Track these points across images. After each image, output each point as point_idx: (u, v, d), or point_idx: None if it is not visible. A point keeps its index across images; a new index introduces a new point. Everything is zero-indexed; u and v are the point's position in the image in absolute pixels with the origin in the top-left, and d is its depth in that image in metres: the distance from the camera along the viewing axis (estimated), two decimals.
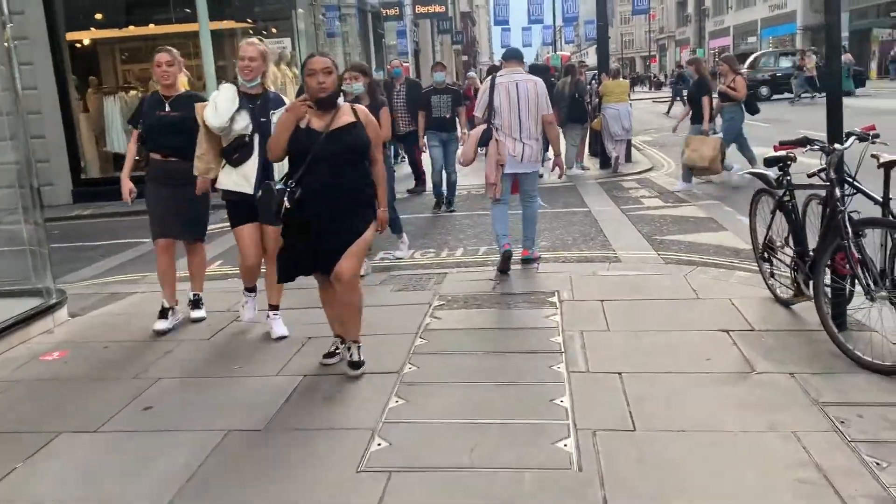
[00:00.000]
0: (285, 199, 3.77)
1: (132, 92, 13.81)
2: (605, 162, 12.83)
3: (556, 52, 50.18)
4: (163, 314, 5.14)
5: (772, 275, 4.95)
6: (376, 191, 4.06)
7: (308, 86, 3.86)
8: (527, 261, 6.24)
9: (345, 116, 3.92)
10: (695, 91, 10.70)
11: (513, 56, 6.57)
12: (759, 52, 34.36)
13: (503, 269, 6.03)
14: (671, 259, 6.33)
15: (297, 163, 3.89)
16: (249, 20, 14.57)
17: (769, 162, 4.66)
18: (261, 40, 4.79)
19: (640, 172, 12.40)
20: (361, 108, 4.06)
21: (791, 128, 18.19)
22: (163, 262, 5.16)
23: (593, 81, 13.99)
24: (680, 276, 5.62)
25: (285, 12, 13.99)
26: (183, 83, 5.25)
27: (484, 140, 6.05)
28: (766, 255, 4.96)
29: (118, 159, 13.71)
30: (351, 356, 4.14)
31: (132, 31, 14.25)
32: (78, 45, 13.82)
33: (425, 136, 9.79)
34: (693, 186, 10.18)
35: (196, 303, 5.36)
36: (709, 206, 8.79)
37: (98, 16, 14.19)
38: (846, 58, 26.16)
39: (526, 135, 6.05)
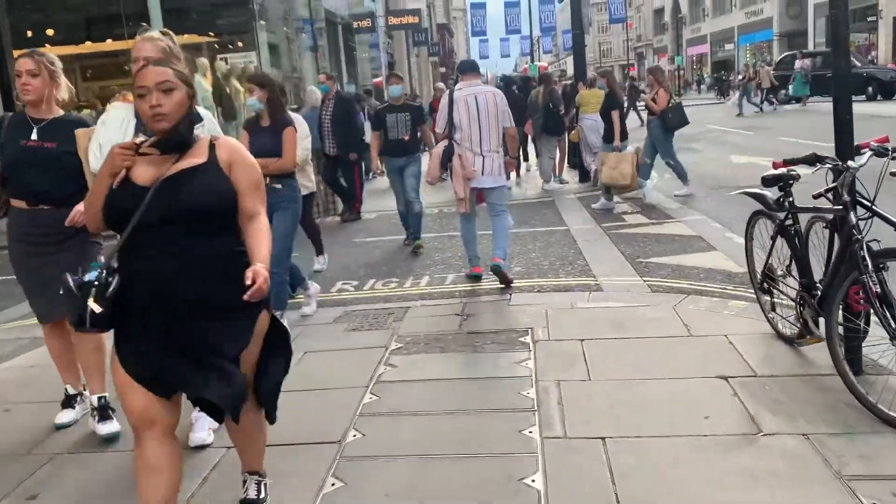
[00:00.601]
0: (90, 299, 2.35)
1: (85, 111, 13.11)
2: (585, 175, 12.26)
3: (533, 62, 49.93)
4: (67, 403, 3.93)
5: (773, 308, 4.35)
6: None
7: (142, 113, 2.47)
8: (495, 268, 5.89)
9: (191, 157, 2.48)
10: (605, 106, 10.34)
11: (469, 68, 6.37)
12: (786, 53, 34.21)
13: (504, 283, 5.98)
14: (658, 286, 5.72)
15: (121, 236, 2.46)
16: (211, 34, 13.94)
17: (768, 181, 4.06)
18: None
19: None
20: (225, 143, 2.56)
21: (773, 135, 17.78)
22: (54, 347, 3.88)
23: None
24: (669, 308, 5.01)
25: (247, 25, 13.35)
26: (63, 101, 3.77)
27: (448, 156, 5.96)
28: (765, 285, 4.36)
29: None
30: (246, 494, 2.87)
31: (85, 47, 13.59)
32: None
33: (383, 163, 8.85)
34: (614, 205, 9.68)
35: (103, 410, 3.71)
36: (695, 222, 8.21)
37: (48, 31, 13.52)
38: (802, 64, 26.00)
39: (486, 148, 5.94)
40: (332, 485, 3.04)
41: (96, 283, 2.37)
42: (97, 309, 2.34)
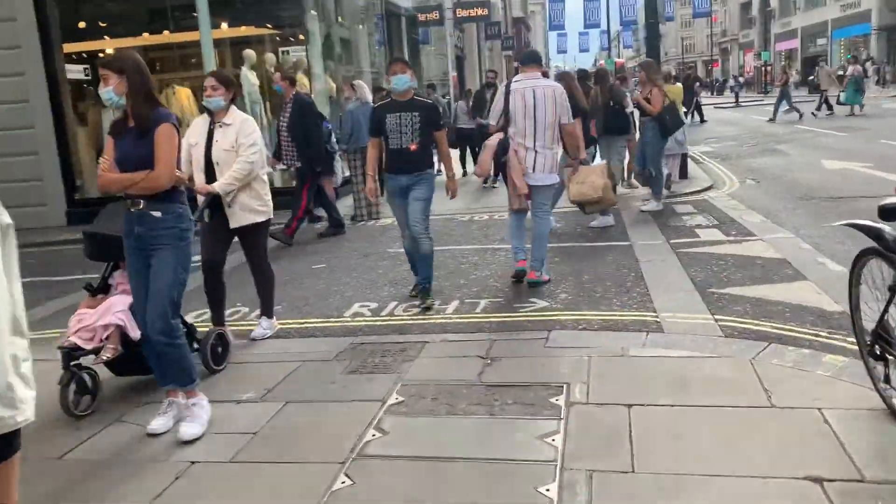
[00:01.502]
0: None
1: None
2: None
3: (611, 57, 48.21)
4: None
5: (887, 379, 3.26)
6: None
7: None
8: (533, 284, 5.84)
9: None
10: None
11: (530, 60, 6.16)
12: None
13: (516, 280, 5.97)
14: (732, 328, 4.63)
15: None
16: (266, 25, 13.33)
17: (888, 213, 2.99)
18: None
19: (696, 192, 10.62)
20: None
21: (871, 137, 16.03)
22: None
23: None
24: (745, 363, 3.96)
25: (298, 17, 12.65)
26: None
27: (503, 150, 5.76)
28: (877, 348, 3.26)
29: None
30: None
31: (134, 40, 13.17)
32: (75, 55, 12.76)
33: (380, 180, 5.90)
34: (611, 220, 8.41)
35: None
36: (780, 241, 7.03)
37: (99, 24, 13.16)
38: (854, 69, 23.45)
39: (540, 144, 5.74)
40: None
41: None
42: None
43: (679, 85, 11.38)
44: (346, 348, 4.64)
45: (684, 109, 24.60)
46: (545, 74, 15.15)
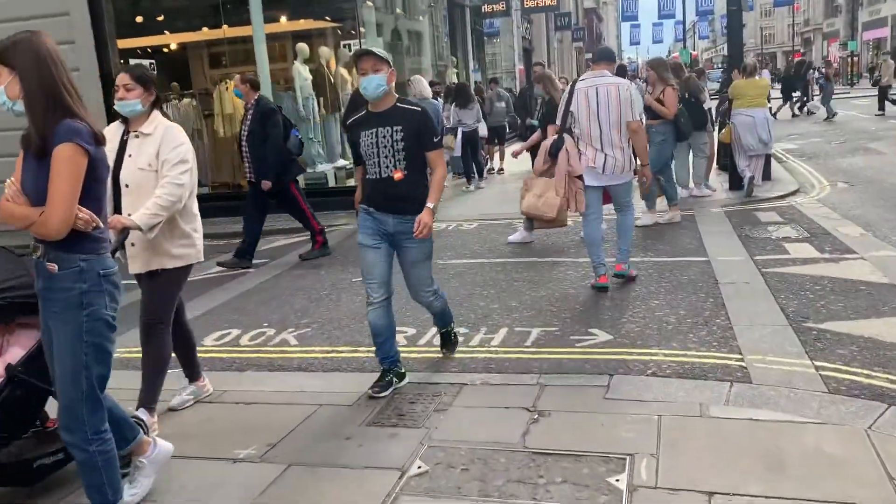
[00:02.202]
0: None
1: (185, 100, 12.41)
2: (737, 182, 10.10)
3: (685, 48, 46.40)
4: None
5: None
6: None
7: None
8: (619, 276, 5.87)
9: None
10: (541, 118, 8.24)
11: (601, 57, 5.99)
12: None
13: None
14: (839, 381, 3.78)
15: None
16: (326, 18, 12.84)
17: None
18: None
19: (782, 197, 9.59)
20: None
21: None
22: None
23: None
24: (859, 434, 3.13)
25: (350, 8, 12.07)
26: None
27: (556, 148, 5.73)
28: None
29: None
30: None
31: (192, 35, 12.88)
32: (129, 51, 12.54)
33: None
34: (531, 236, 7.73)
35: None
36: (886, 260, 6.06)
37: (156, 19, 12.91)
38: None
39: (608, 143, 5.55)
40: None
41: None
42: None
43: (764, 78, 10.32)
44: (372, 394, 3.98)
45: (798, 98, 23.22)
46: (622, 68, 14.33)
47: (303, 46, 11.59)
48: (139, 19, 12.99)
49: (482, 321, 5.15)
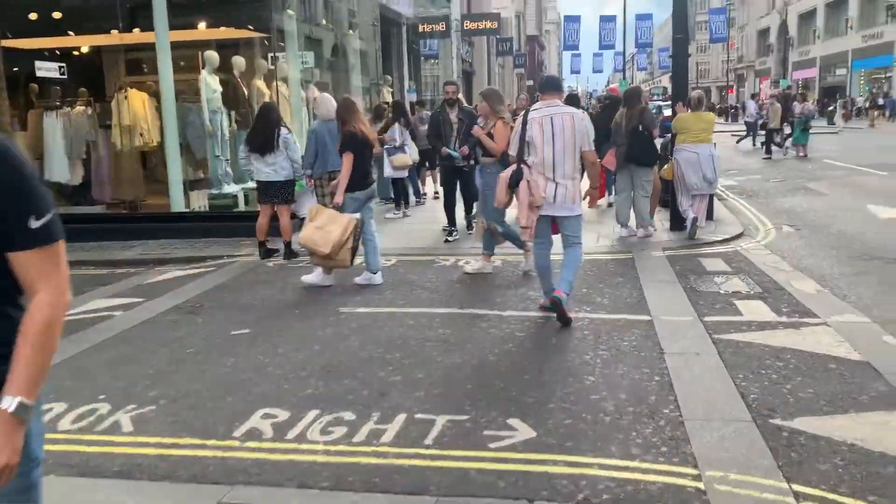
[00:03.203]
0: None
1: (78, 108, 11.06)
2: (679, 222, 9.37)
3: (625, 79, 46.69)
4: None
5: None
6: None
7: None
8: (556, 300, 5.46)
9: None
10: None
11: (549, 87, 5.89)
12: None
13: (563, 322, 5.50)
14: None
15: None
16: (249, 27, 11.69)
17: None
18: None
19: (726, 241, 8.87)
20: None
21: None
22: None
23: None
24: None
25: (265, 18, 10.95)
26: None
27: (515, 180, 5.54)
28: None
29: (61, 191, 11.01)
30: None
31: (82, 39, 11.57)
32: (36, 52, 11.19)
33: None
34: (329, 279, 7.01)
35: None
36: (854, 328, 5.27)
37: (45, 20, 11.54)
38: (804, 107, 21.20)
39: (560, 174, 5.52)
40: None
41: None
42: None
43: (710, 113, 9.64)
44: None
45: (777, 130, 22.85)
46: (575, 98, 13.65)
47: (211, 55, 10.43)
48: (37, 18, 11.63)
49: (377, 402, 4.09)
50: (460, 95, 9.49)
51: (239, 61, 10.91)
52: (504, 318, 5.72)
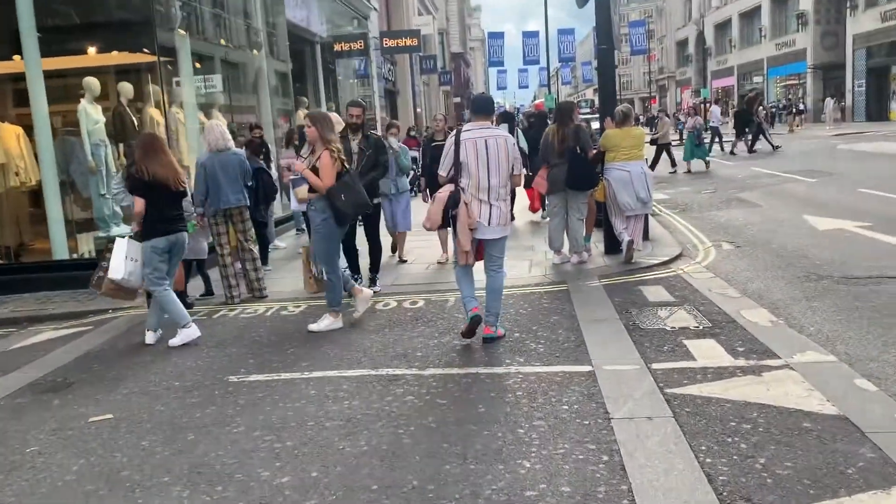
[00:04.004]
0: None
1: None
2: (614, 245, 8.72)
3: (550, 93, 46.76)
4: None
5: None
6: None
7: None
8: (489, 339, 5.53)
9: None
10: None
11: (481, 109, 5.76)
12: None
13: (468, 334, 5.52)
14: None
15: None
16: (145, 50, 10.56)
17: None
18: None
19: (665, 264, 8.26)
20: None
21: (844, 184, 13.44)
22: None
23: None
24: None
25: (148, 39, 9.82)
26: None
27: (453, 203, 5.42)
28: None
29: None
30: None
31: None
32: None
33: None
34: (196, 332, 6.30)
35: None
36: (821, 371, 4.61)
37: None
38: (694, 121, 21.19)
39: (494, 196, 5.49)
40: None
41: None
42: None
43: (638, 127, 9.06)
44: None
45: (744, 138, 23.44)
46: (510, 115, 12.99)
47: (90, 81, 9.33)
48: None
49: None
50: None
51: (126, 87, 9.82)
52: (423, 380, 4.87)
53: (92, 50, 10.12)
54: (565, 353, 5.25)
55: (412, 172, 11.81)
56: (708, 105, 25.13)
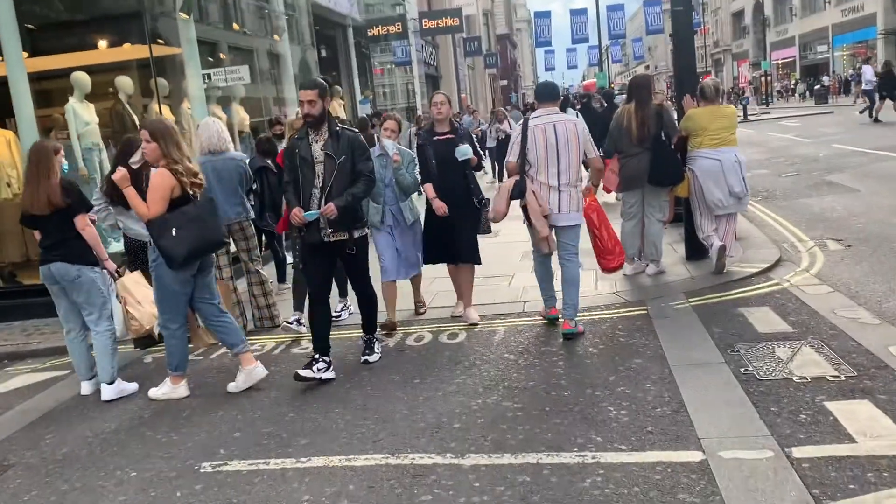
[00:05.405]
0: None
1: None
2: (696, 249, 7.17)
3: (602, 71, 44.70)
4: None
5: None
6: None
7: None
8: (568, 335, 5.28)
9: None
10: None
11: (547, 95, 5.54)
12: None
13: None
14: None
15: None
16: (160, 41, 9.38)
17: None
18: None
19: (763, 273, 6.69)
20: None
21: None
22: None
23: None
24: None
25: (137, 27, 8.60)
26: None
27: (520, 191, 5.31)
28: None
29: None
30: None
31: None
32: None
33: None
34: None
35: None
36: None
37: None
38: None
39: (565, 182, 5.34)
40: None
41: None
42: None
43: (729, 106, 7.42)
44: None
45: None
46: (565, 99, 11.70)
47: (78, 77, 8.15)
48: None
49: None
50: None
51: (124, 83, 8.60)
52: (461, 475, 3.45)
53: (98, 43, 9.02)
54: (660, 426, 3.76)
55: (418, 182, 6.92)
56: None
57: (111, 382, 5.09)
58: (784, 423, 3.65)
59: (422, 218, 6.09)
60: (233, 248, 6.50)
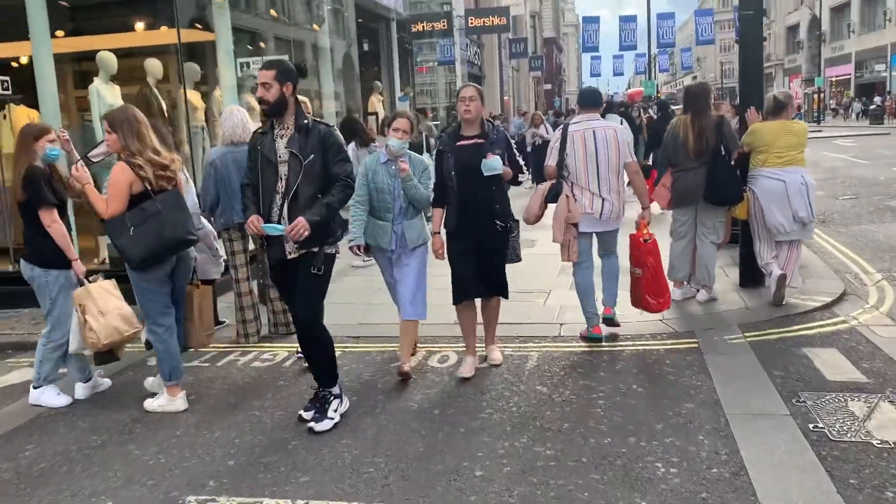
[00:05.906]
0: None
1: None
2: (752, 275, 6.55)
3: (650, 78, 43.77)
4: None
5: None
6: None
7: None
8: (608, 320, 5.52)
9: None
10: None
11: (589, 101, 5.47)
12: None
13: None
14: None
15: None
16: (198, 26, 9.03)
17: None
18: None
19: (827, 307, 6.05)
20: None
21: None
22: None
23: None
24: None
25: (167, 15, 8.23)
26: None
27: (554, 195, 5.27)
28: None
29: None
30: None
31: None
32: None
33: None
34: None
35: None
36: None
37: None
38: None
39: (606, 189, 5.26)
40: None
41: None
42: None
43: (799, 121, 6.77)
44: None
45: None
46: (608, 103, 11.25)
47: (104, 57, 7.78)
48: None
49: None
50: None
51: (153, 65, 8.22)
52: None
53: (135, 25, 8.69)
54: (717, 492, 3.20)
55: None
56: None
57: (37, 387, 4.79)
58: (867, 502, 3.06)
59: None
60: (250, 245, 6.07)
